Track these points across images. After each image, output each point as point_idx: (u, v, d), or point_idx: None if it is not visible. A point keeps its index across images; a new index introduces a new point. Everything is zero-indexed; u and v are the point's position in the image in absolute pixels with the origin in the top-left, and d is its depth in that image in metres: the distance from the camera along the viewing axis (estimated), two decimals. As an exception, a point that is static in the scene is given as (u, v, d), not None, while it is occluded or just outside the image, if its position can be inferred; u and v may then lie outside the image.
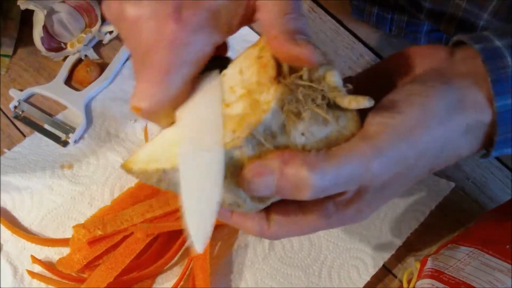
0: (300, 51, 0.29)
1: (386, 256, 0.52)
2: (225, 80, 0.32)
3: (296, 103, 0.29)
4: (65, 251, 0.51)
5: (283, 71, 0.30)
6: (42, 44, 0.60)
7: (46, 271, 0.49)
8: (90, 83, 0.60)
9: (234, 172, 0.30)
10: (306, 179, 0.28)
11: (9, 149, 0.56)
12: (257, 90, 0.30)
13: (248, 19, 0.33)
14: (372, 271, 0.51)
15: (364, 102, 0.29)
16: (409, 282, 0.48)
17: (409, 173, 0.31)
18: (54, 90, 0.59)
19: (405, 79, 0.34)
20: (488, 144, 0.34)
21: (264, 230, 0.33)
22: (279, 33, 0.30)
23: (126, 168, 0.32)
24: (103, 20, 0.63)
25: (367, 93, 0.29)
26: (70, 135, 0.57)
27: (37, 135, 0.57)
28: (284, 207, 0.33)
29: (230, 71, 0.33)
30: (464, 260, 0.44)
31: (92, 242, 0.49)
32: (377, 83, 0.34)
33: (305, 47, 0.29)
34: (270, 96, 0.29)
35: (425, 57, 0.34)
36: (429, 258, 0.45)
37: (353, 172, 0.29)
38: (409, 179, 0.32)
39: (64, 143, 0.57)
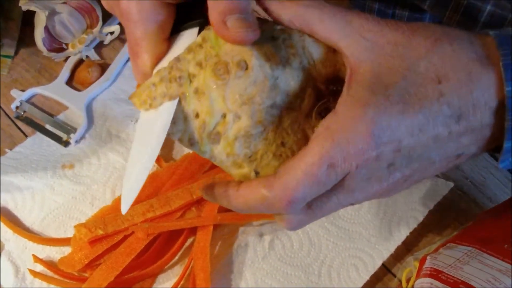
0: (230, 36, 0.30)
1: (385, 255, 0.52)
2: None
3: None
4: (66, 250, 0.51)
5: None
6: (44, 44, 0.60)
7: (48, 270, 0.50)
8: (91, 83, 0.60)
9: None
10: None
11: (10, 149, 0.57)
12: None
13: None
14: (372, 270, 0.51)
15: None
16: (408, 281, 0.48)
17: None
18: (55, 91, 0.60)
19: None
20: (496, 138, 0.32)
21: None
22: (214, 15, 0.30)
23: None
24: (104, 21, 0.63)
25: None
26: (72, 135, 0.57)
27: (38, 135, 0.57)
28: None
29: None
30: (463, 259, 0.45)
31: (93, 241, 0.49)
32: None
33: (234, 31, 0.29)
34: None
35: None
36: (428, 257, 0.46)
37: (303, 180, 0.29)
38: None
39: (66, 143, 0.57)
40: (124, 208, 0.31)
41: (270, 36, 0.31)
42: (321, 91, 0.32)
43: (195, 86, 0.31)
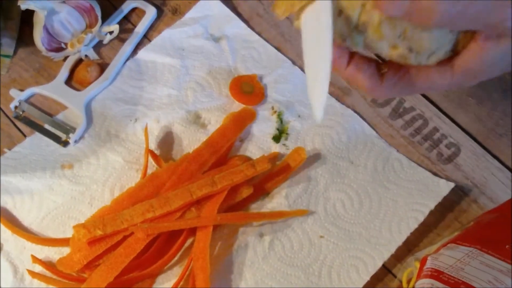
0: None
1: (385, 255, 0.52)
2: None
3: None
4: (65, 251, 0.51)
5: None
6: (43, 44, 0.60)
7: (47, 271, 0.49)
8: (90, 83, 0.60)
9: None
10: (434, 5, 0.29)
11: (9, 149, 0.56)
12: None
13: None
14: (372, 271, 0.51)
15: None
16: (408, 282, 0.48)
17: None
18: (54, 90, 0.59)
19: None
20: None
21: (376, 85, 0.34)
22: None
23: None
24: (104, 20, 0.63)
25: None
26: (71, 135, 0.57)
27: (37, 135, 0.57)
28: (396, 65, 0.33)
29: None
30: (464, 260, 0.44)
31: (92, 242, 0.49)
32: None
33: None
34: None
35: None
36: (428, 258, 0.46)
37: (482, 10, 0.29)
38: None
39: (65, 143, 0.57)
40: (319, 114, 0.30)
41: None
42: None
43: None
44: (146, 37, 0.64)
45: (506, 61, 0.32)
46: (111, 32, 0.63)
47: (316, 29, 0.31)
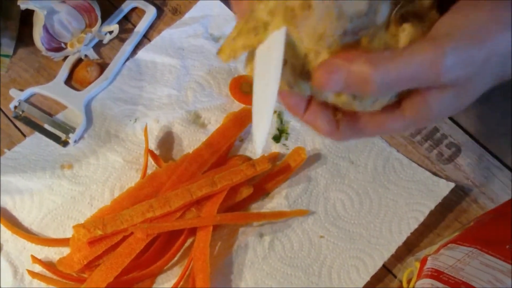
0: None
1: (386, 256, 0.52)
2: None
3: None
4: (65, 251, 0.51)
5: None
6: (42, 44, 0.60)
7: (46, 271, 0.49)
8: (90, 83, 0.60)
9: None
10: (369, 76, 0.29)
11: (9, 149, 0.56)
12: None
13: None
14: (372, 271, 0.51)
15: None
16: (409, 282, 0.48)
17: (474, 79, 0.31)
18: (54, 90, 0.59)
19: None
20: None
21: (333, 131, 0.35)
22: None
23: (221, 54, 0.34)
24: (103, 20, 0.63)
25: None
26: (70, 135, 0.57)
27: (37, 135, 0.57)
28: (350, 110, 0.34)
29: None
30: (464, 260, 0.44)
31: (92, 242, 0.49)
32: None
33: None
34: None
35: None
36: (429, 258, 0.46)
37: (416, 71, 0.30)
38: (474, 87, 0.32)
39: (64, 143, 0.57)
40: (259, 150, 0.31)
41: None
42: None
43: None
44: (146, 37, 0.64)
45: (455, 106, 0.33)
46: (111, 32, 0.63)
47: (264, 71, 0.31)
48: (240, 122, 0.57)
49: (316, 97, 0.34)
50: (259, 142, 0.31)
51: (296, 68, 0.32)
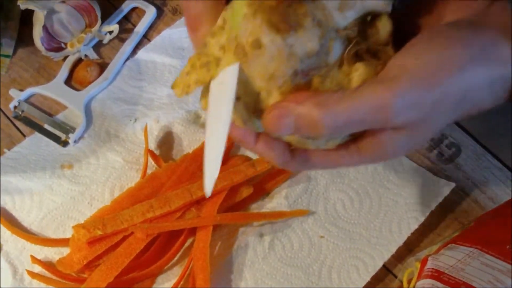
0: None
1: (386, 256, 0.51)
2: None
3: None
4: (65, 251, 0.51)
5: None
6: (42, 44, 0.60)
7: (46, 271, 0.49)
8: (90, 83, 0.60)
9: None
10: (318, 119, 0.29)
11: (9, 149, 0.56)
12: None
13: None
14: (372, 271, 0.51)
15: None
16: (409, 282, 0.48)
17: (427, 121, 0.31)
18: (54, 90, 0.59)
19: (434, 23, 0.34)
20: None
21: (288, 161, 0.34)
22: None
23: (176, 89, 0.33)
24: (103, 20, 0.63)
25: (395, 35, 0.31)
26: (70, 135, 0.57)
27: (37, 135, 0.57)
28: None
29: None
30: (464, 260, 0.44)
31: (92, 242, 0.49)
32: (405, 25, 0.34)
33: None
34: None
35: (460, 6, 0.33)
36: (429, 258, 0.45)
37: (365, 114, 0.29)
38: (428, 127, 0.32)
39: (64, 143, 0.57)
40: (208, 190, 0.31)
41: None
42: (347, 36, 0.32)
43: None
44: (146, 37, 0.64)
45: (410, 145, 0.33)
46: (110, 32, 0.63)
47: (216, 106, 0.31)
48: (240, 122, 0.57)
49: (270, 134, 0.33)
50: (209, 178, 0.30)
51: (249, 105, 0.32)
